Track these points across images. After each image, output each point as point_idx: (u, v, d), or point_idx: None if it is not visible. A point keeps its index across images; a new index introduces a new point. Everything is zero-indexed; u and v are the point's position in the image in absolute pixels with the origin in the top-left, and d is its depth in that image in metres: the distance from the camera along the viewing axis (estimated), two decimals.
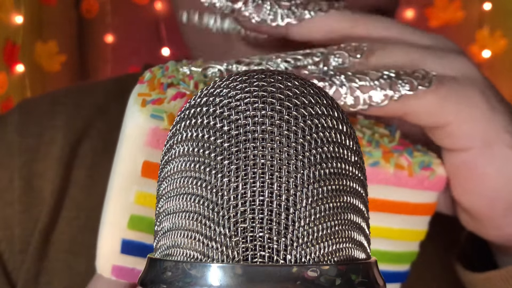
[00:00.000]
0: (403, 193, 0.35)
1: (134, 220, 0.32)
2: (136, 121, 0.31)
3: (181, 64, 0.35)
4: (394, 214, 0.35)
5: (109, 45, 1.39)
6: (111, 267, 0.34)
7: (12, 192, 0.51)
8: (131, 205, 0.32)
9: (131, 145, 0.31)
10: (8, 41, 1.22)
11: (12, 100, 1.21)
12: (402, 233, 0.36)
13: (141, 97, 0.31)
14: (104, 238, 0.33)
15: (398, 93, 0.34)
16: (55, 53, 1.34)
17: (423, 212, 0.37)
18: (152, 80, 0.33)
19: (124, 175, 0.32)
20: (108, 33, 1.39)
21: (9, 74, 1.23)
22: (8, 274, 0.51)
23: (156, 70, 0.34)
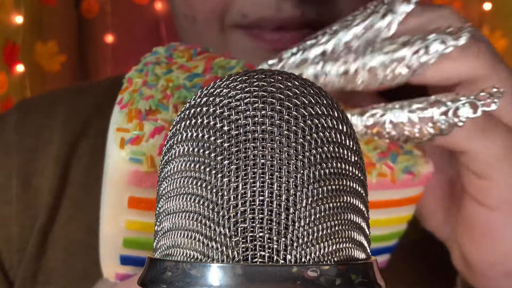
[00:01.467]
0: (386, 193, 0.35)
1: (127, 241, 0.33)
2: (116, 163, 0.31)
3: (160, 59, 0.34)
4: (379, 209, 0.36)
5: (109, 45, 1.39)
6: (114, 274, 0.35)
7: (10, 191, 0.51)
8: (123, 230, 0.33)
9: (114, 183, 0.32)
10: (8, 41, 1.22)
11: (12, 100, 1.21)
12: (389, 221, 0.37)
13: (119, 134, 0.31)
14: (103, 252, 0.35)
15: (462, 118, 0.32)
16: (55, 53, 1.34)
17: (408, 203, 0.37)
18: (130, 104, 0.32)
19: (112, 206, 0.33)
20: (108, 33, 1.39)
21: (9, 74, 1.22)
22: (5, 272, 0.51)
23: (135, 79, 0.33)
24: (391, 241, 0.39)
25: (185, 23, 0.47)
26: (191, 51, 0.35)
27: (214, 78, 0.33)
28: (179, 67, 0.34)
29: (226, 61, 0.35)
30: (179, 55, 0.35)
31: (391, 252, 0.39)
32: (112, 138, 0.32)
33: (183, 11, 0.47)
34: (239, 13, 0.45)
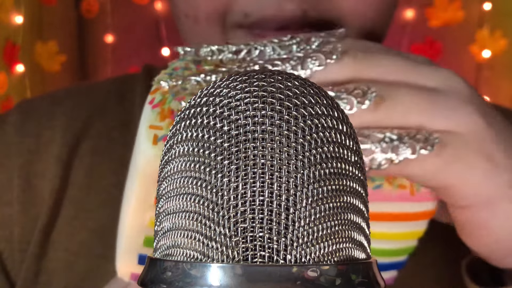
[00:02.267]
0: (404, 206, 0.36)
1: (148, 240, 0.34)
2: (149, 159, 0.32)
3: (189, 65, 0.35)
4: (395, 222, 0.36)
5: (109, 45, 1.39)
6: (130, 274, 0.36)
7: (11, 192, 0.51)
8: (146, 228, 0.34)
9: (144, 179, 0.33)
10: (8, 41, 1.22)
11: (12, 100, 1.21)
12: (402, 235, 0.37)
13: (152, 131, 0.32)
14: (122, 251, 0.35)
15: (400, 157, 0.33)
16: (55, 53, 1.34)
17: (422, 218, 0.38)
18: (162, 104, 0.33)
19: (139, 203, 0.33)
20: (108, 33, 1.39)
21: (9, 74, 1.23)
22: (7, 273, 0.51)
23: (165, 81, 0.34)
24: (402, 257, 0.39)
25: (187, 23, 0.47)
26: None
27: None
28: None
29: None
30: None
31: (400, 268, 0.39)
32: (144, 134, 0.32)
33: (184, 11, 0.47)
34: (241, 13, 0.45)
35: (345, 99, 0.34)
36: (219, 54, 0.35)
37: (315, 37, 0.36)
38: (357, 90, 0.34)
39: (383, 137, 0.33)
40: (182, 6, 0.47)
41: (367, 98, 0.34)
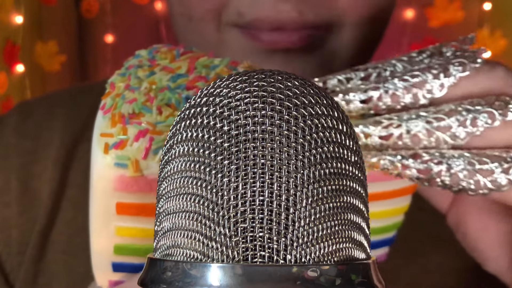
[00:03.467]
0: (388, 184, 0.35)
1: (118, 248, 0.33)
2: (101, 169, 0.31)
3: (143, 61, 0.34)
4: (380, 201, 0.36)
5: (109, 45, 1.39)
6: (107, 281, 0.35)
7: (9, 193, 0.51)
8: (113, 237, 0.33)
9: (101, 190, 0.32)
10: (8, 41, 1.22)
11: (12, 100, 1.21)
12: (387, 213, 0.37)
13: (103, 139, 0.31)
14: (96, 261, 0.35)
15: None
16: (55, 53, 1.35)
17: (406, 193, 0.37)
18: (113, 109, 0.32)
19: (101, 214, 0.33)
20: (108, 33, 1.39)
21: (9, 74, 1.23)
22: (6, 275, 0.51)
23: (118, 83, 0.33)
24: (390, 233, 0.39)
25: (182, 22, 0.47)
26: (174, 52, 0.34)
27: (198, 78, 0.32)
28: (162, 68, 0.33)
29: (210, 60, 0.34)
30: (162, 57, 0.34)
31: (390, 244, 0.39)
32: (96, 143, 0.31)
33: (179, 9, 0.47)
34: (235, 12, 0.44)
35: (485, 112, 0.31)
36: (347, 82, 0.33)
37: (446, 47, 0.34)
38: (498, 102, 0.32)
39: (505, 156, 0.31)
40: (177, 4, 0.47)
41: (510, 109, 0.31)
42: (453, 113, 0.31)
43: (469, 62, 0.32)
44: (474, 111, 0.31)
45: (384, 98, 0.32)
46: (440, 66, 0.32)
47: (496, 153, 0.31)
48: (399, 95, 0.32)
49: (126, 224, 0.32)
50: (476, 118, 0.31)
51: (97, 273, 0.35)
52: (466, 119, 0.31)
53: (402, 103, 0.32)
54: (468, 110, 0.31)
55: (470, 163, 0.31)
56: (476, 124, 0.31)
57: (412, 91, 0.32)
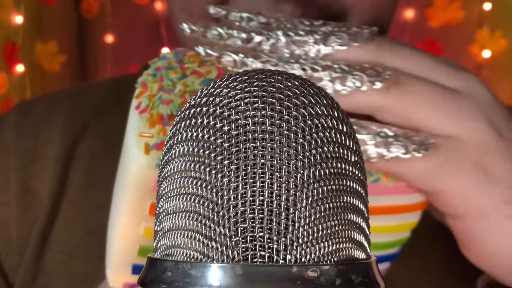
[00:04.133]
0: (399, 198, 0.36)
1: (143, 249, 0.33)
2: (141, 169, 0.31)
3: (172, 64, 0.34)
4: (389, 215, 0.36)
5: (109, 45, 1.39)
6: (122, 284, 0.35)
7: (9, 193, 0.51)
8: (140, 238, 0.33)
9: (137, 190, 0.32)
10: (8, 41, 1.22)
11: (12, 100, 1.21)
12: (395, 228, 0.37)
13: (142, 139, 0.31)
14: (115, 261, 0.34)
15: (391, 154, 0.33)
16: (55, 53, 1.35)
17: (416, 209, 0.37)
18: (149, 109, 0.32)
19: (132, 213, 0.32)
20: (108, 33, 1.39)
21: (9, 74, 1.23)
22: (5, 275, 0.51)
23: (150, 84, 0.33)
24: (394, 249, 0.39)
25: (181, 18, 0.47)
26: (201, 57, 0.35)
27: None
28: (192, 72, 0.33)
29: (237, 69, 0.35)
30: (190, 60, 0.34)
31: (392, 260, 0.39)
32: (133, 143, 0.31)
33: (179, 5, 0.47)
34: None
35: (357, 75, 0.33)
36: (227, 38, 0.35)
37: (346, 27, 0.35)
38: (371, 70, 0.33)
39: (379, 131, 0.33)
40: (177, 1, 0.47)
41: (380, 79, 0.33)
42: (328, 68, 0.33)
43: (349, 39, 0.34)
44: (347, 71, 0.33)
45: (264, 44, 0.34)
46: (323, 33, 0.34)
47: (373, 126, 0.33)
48: (279, 46, 0.34)
49: None
50: (346, 78, 0.33)
51: (113, 274, 0.35)
52: (337, 77, 0.33)
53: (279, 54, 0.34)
54: (342, 70, 0.33)
55: None
56: (344, 84, 0.33)
57: (290, 47, 0.34)
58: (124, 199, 0.32)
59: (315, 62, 0.33)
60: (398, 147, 0.33)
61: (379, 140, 0.33)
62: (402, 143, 0.33)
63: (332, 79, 0.33)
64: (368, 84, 0.33)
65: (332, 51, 0.34)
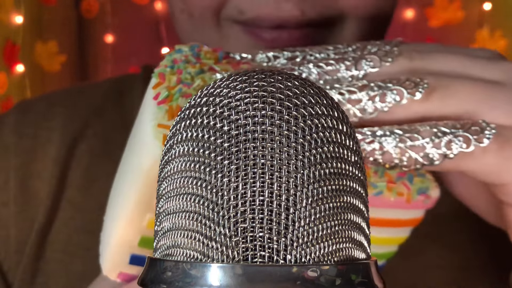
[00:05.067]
0: (396, 213, 0.36)
1: (144, 240, 0.33)
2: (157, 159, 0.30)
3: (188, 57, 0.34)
4: (382, 228, 0.36)
5: (109, 45, 1.39)
6: (117, 273, 0.35)
7: (8, 192, 0.51)
8: (143, 229, 0.33)
9: (150, 179, 0.31)
10: (8, 41, 1.22)
11: (12, 100, 1.21)
12: (385, 240, 0.37)
13: (161, 130, 0.31)
14: (113, 249, 0.34)
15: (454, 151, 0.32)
16: (55, 53, 1.35)
17: (409, 225, 0.38)
18: (168, 101, 0.31)
19: (140, 203, 0.32)
20: (108, 33, 1.39)
21: (9, 74, 1.23)
22: (4, 274, 0.51)
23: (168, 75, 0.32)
24: (381, 261, 0.38)
25: (182, 18, 0.47)
26: (218, 54, 0.35)
27: None
28: (209, 68, 0.33)
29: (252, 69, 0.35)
30: (207, 57, 0.34)
31: None
32: (151, 133, 0.31)
33: (179, 5, 0.47)
34: (235, 9, 0.44)
35: (395, 90, 0.33)
36: (274, 60, 0.35)
37: (371, 45, 0.35)
38: (409, 82, 0.33)
39: (435, 131, 0.32)
40: (178, 1, 0.47)
41: (418, 89, 0.33)
42: (364, 88, 0.33)
43: (380, 60, 0.34)
44: (385, 87, 0.33)
45: None
46: (353, 59, 0.34)
47: (427, 127, 0.32)
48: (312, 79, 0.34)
49: None
50: (386, 94, 0.33)
51: (108, 264, 0.35)
52: (376, 94, 0.33)
53: None
54: (379, 86, 0.33)
55: (401, 140, 0.32)
56: (384, 100, 0.33)
57: (324, 78, 0.34)
58: (133, 190, 0.32)
59: (350, 84, 0.33)
60: (459, 142, 0.32)
61: (437, 141, 0.32)
62: (462, 137, 0.32)
63: (371, 98, 0.33)
64: (408, 97, 0.33)
65: (365, 74, 0.34)
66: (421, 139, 0.32)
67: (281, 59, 0.35)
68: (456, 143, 0.32)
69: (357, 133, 0.33)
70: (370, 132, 0.32)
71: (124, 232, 0.33)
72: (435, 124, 0.32)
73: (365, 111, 0.33)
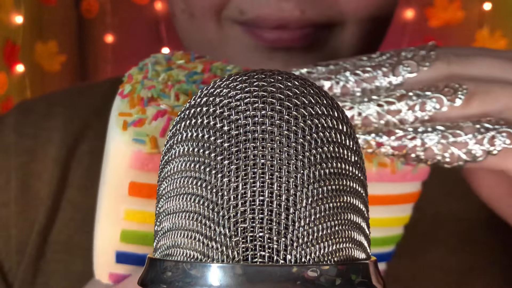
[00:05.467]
0: (386, 187, 0.35)
1: (125, 234, 0.33)
2: (119, 145, 0.31)
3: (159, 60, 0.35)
4: (378, 206, 0.35)
5: (109, 45, 1.39)
6: (108, 274, 0.34)
7: (9, 192, 0.51)
8: (121, 221, 0.33)
9: (115, 168, 0.32)
10: (8, 41, 1.22)
11: (12, 100, 1.21)
12: (386, 221, 0.36)
13: (122, 117, 0.31)
14: (99, 249, 0.34)
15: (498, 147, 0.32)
16: (55, 53, 1.35)
17: (406, 201, 0.37)
18: (131, 94, 0.32)
19: (112, 195, 0.32)
20: (108, 33, 1.39)
21: (9, 74, 1.23)
22: (4, 274, 0.51)
23: (135, 75, 0.34)
24: (389, 247, 0.38)
25: (183, 18, 0.47)
26: (189, 56, 0.35)
27: (213, 77, 0.33)
28: (178, 66, 0.34)
29: (224, 65, 0.35)
30: (178, 57, 0.35)
31: (388, 260, 0.39)
32: (113, 122, 0.32)
33: (180, 6, 0.47)
34: (236, 9, 0.44)
35: (434, 98, 0.32)
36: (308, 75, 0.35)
37: (406, 51, 0.35)
38: (448, 88, 0.33)
39: (478, 127, 0.32)
40: (178, 1, 0.47)
41: (458, 96, 0.32)
42: (403, 98, 0.33)
43: (418, 65, 0.34)
44: (424, 96, 0.33)
45: (334, 89, 0.34)
46: (390, 65, 0.34)
47: (470, 123, 0.32)
48: (349, 87, 0.34)
49: (137, 208, 0.32)
50: (425, 103, 0.33)
51: (98, 265, 0.35)
52: (415, 104, 0.33)
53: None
54: (418, 95, 0.33)
55: (443, 136, 0.32)
56: (424, 109, 0.32)
57: (361, 85, 0.34)
58: (104, 181, 0.33)
59: (388, 95, 0.33)
60: (502, 137, 0.32)
61: (480, 137, 0.32)
62: (505, 133, 0.32)
63: (410, 107, 0.33)
64: (448, 104, 0.32)
65: (403, 80, 0.34)
66: (464, 135, 0.32)
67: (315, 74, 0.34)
68: (500, 139, 0.32)
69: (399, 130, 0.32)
70: (412, 128, 0.32)
71: (104, 228, 0.33)
72: (478, 121, 0.32)
73: (405, 121, 0.33)
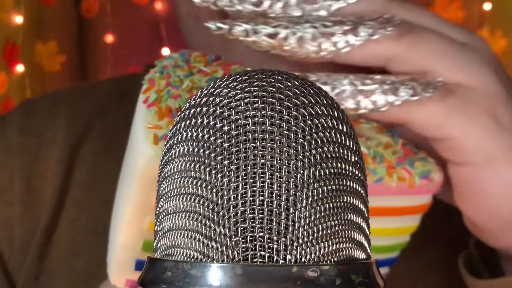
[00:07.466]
0: (401, 200, 0.36)
1: (147, 244, 0.33)
2: (149, 160, 0.31)
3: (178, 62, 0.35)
4: (390, 217, 0.36)
5: (109, 45, 1.39)
6: (125, 280, 0.35)
7: (13, 192, 0.51)
8: (145, 232, 0.33)
9: (144, 181, 0.31)
10: (8, 41, 1.22)
11: (12, 100, 1.21)
12: (395, 230, 0.37)
13: (151, 131, 0.31)
14: (118, 257, 0.34)
15: (401, 98, 0.33)
16: (55, 53, 1.34)
17: (417, 212, 0.37)
18: (157, 103, 0.32)
19: (138, 206, 0.32)
20: (108, 33, 1.39)
21: (9, 74, 1.23)
22: (8, 274, 0.51)
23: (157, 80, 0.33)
24: (394, 253, 0.38)
25: (188, 22, 0.47)
26: (207, 58, 0.35)
27: None
28: (198, 71, 0.34)
29: (242, 68, 0.35)
30: (197, 60, 0.35)
31: (391, 265, 0.39)
32: (142, 134, 0.31)
33: (185, 8, 0.47)
34: None
35: (368, 25, 0.33)
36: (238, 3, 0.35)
37: None
38: (382, 19, 0.34)
39: (385, 79, 0.33)
40: (184, 4, 0.47)
41: (391, 25, 0.34)
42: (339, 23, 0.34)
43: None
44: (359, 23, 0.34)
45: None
46: (352, 23, 0.34)
47: (378, 76, 0.34)
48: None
49: None
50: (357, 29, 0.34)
51: (115, 271, 0.35)
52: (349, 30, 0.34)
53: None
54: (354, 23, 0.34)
55: (353, 83, 0.33)
56: (358, 34, 0.33)
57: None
58: (130, 192, 0.32)
59: (325, 19, 0.34)
60: (406, 90, 0.33)
61: (386, 87, 0.33)
62: (409, 85, 0.33)
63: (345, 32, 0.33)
64: (380, 32, 0.34)
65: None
66: (371, 84, 0.33)
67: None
68: (403, 92, 0.33)
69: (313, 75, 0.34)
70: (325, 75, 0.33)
71: (126, 236, 0.33)
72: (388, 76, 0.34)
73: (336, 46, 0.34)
